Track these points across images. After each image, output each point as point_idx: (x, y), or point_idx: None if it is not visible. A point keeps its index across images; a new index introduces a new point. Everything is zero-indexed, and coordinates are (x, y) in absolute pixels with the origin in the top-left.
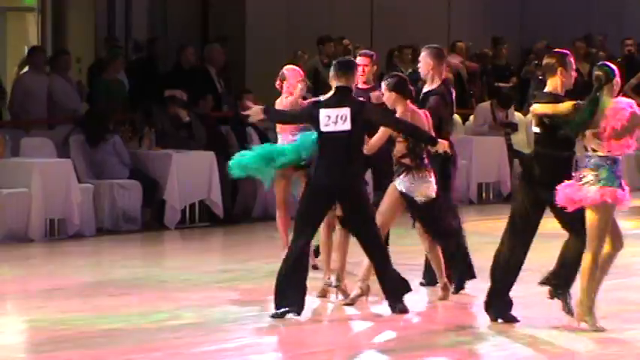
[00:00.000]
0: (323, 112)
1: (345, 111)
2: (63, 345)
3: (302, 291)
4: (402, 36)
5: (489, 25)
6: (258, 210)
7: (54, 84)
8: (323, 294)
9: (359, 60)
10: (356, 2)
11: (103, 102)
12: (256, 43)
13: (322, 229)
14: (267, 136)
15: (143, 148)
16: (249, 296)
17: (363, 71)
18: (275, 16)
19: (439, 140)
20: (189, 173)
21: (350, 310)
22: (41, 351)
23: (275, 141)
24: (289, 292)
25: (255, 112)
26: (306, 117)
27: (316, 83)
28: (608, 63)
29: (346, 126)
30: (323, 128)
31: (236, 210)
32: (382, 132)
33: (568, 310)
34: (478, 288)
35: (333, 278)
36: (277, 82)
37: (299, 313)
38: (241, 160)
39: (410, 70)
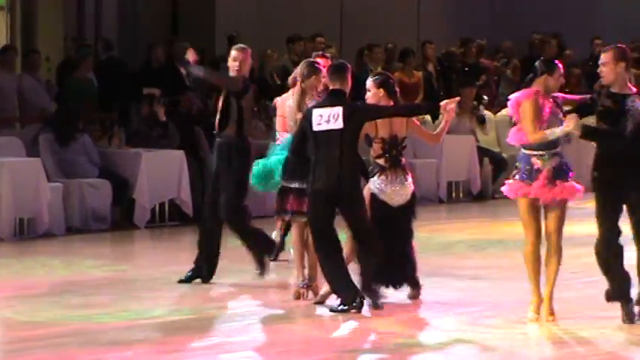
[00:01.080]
0: (315, 112)
1: (338, 110)
2: (33, 344)
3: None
4: (372, 35)
5: (459, 25)
6: None
7: (24, 83)
8: (297, 296)
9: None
10: (326, 1)
11: (72, 101)
12: (226, 42)
13: (294, 230)
14: None
15: (113, 147)
16: (220, 295)
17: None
18: (245, 15)
19: (440, 104)
20: (159, 172)
21: (320, 309)
22: (11, 350)
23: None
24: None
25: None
26: (302, 118)
27: (285, 82)
28: (554, 60)
29: (338, 124)
30: (315, 127)
31: None
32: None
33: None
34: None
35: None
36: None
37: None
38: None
39: (379, 70)
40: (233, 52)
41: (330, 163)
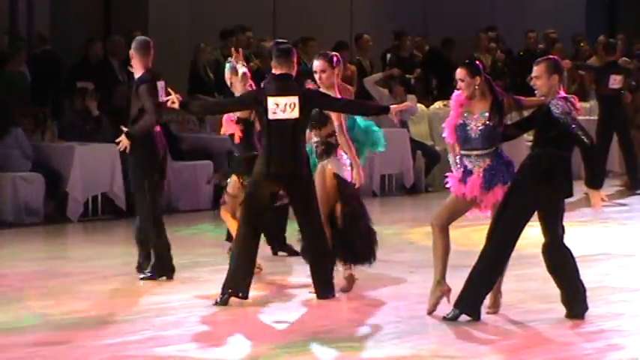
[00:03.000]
0: (271, 100)
1: (294, 99)
2: None
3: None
4: (306, 28)
5: (393, 17)
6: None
7: None
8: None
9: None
10: None
11: (5, 94)
12: (159, 35)
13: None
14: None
15: (46, 140)
16: (153, 288)
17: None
18: (177, 8)
19: (391, 107)
20: (92, 166)
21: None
22: None
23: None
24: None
25: (174, 99)
26: (251, 102)
27: (217, 76)
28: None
29: (294, 114)
30: (271, 116)
31: None
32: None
33: None
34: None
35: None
36: None
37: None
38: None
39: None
40: None
41: (283, 151)
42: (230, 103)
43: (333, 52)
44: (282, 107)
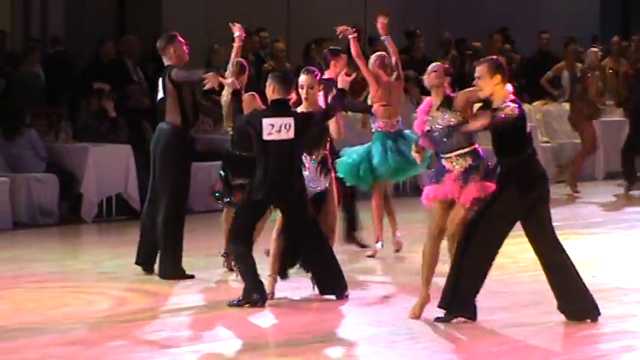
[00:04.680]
0: (266, 122)
1: (289, 120)
2: None
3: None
4: (319, 28)
5: (407, 18)
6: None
7: None
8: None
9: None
10: None
11: (19, 95)
12: None
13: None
14: None
15: (60, 141)
16: (167, 289)
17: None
18: (192, 9)
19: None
20: (106, 166)
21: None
22: None
23: None
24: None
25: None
26: (247, 135)
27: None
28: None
29: (290, 135)
30: (266, 137)
31: None
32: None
33: None
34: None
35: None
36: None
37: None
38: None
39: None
40: None
41: (279, 173)
42: (238, 149)
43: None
44: (277, 128)
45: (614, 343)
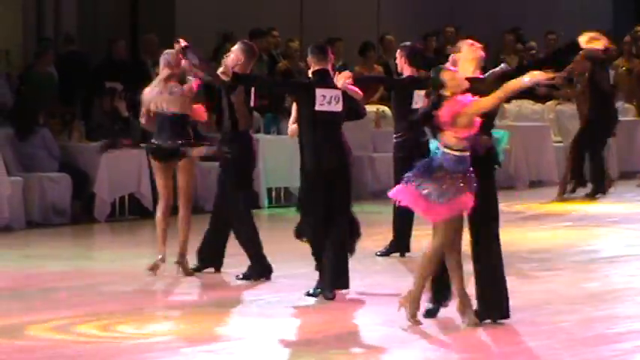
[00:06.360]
0: (319, 92)
1: (338, 93)
2: None
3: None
4: (332, 28)
5: (420, 18)
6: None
7: None
8: (153, 267)
9: None
10: None
11: (32, 95)
12: (186, 35)
13: (160, 203)
14: None
15: (73, 141)
16: (180, 289)
17: None
18: (204, 8)
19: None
20: (119, 166)
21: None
22: None
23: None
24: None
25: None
26: (297, 89)
27: None
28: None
29: (338, 107)
30: (318, 107)
31: None
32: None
33: None
34: None
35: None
36: None
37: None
38: None
39: (340, 63)
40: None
41: (331, 144)
42: (280, 84)
43: None
44: (329, 99)
45: (628, 343)
